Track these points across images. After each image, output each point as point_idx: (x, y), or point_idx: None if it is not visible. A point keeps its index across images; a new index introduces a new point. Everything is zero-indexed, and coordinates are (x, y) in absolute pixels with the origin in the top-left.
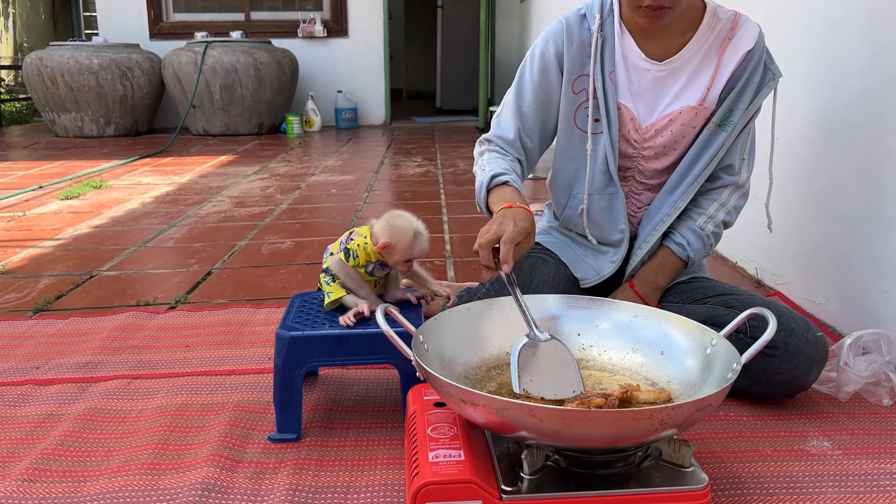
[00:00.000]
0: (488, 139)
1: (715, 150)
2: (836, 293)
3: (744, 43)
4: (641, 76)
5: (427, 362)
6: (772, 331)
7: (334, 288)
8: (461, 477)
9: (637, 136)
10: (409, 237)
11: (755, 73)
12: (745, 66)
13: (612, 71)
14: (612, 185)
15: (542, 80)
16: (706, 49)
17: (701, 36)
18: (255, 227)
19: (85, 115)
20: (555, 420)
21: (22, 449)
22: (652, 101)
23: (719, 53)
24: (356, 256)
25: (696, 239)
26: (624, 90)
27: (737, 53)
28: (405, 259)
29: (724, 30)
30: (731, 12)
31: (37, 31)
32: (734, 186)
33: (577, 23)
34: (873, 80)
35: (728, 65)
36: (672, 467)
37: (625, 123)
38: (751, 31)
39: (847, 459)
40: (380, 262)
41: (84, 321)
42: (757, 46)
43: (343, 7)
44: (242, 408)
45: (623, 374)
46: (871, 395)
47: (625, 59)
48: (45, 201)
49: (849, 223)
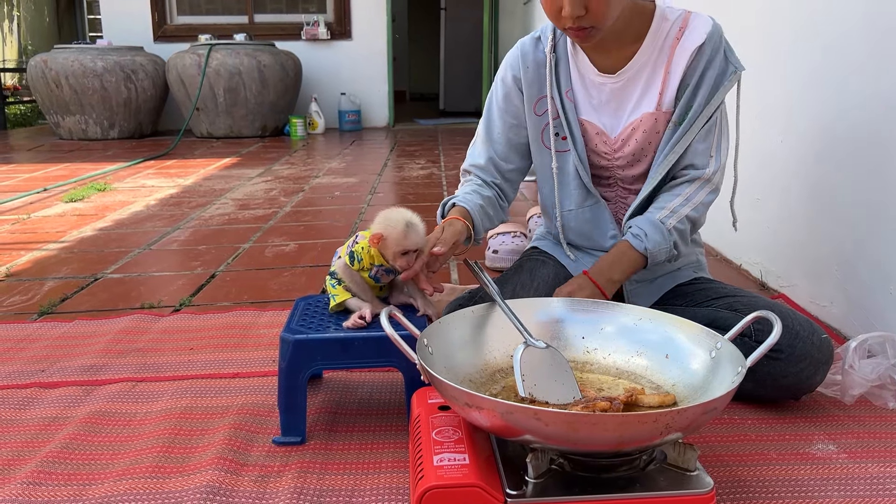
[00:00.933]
0: (466, 170)
1: (672, 145)
2: (841, 296)
3: (692, 40)
4: (600, 90)
5: (431, 365)
6: (777, 334)
7: (339, 291)
8: (466, 480)
9: (606, 147)
10: (401, 227)
11: (710, 67)
12: (697, 62)
13: (569, 89)
14: (591, 198)
15: (506, 105)
16: (657, 53)
17: (650, 41)
18: (259, 230)
19: (89, 118)
20: (560, 424)
21: (27, 452)
22: (615, 112)
23: (669, 55)
24: (360, 259)
25: (655, 231)
26: (585, 106)
27: (685, 52)
28: (401, 251)
29: (673, 31)
30: (680, 12)
31: (41, 33)
32: (700, 181)
33: (532, 46)
34: (878, 82)
35: (678, 64)
36: (677, 471)
37: (591, 138)
38: (700, 27)
39: (852, 463)
40: (384, 267)
41: (89, 324)
42: (709, 41)
43: (346, 9)
44: (247, 411)
45: (627, 377)
46: (876, 398)
47: (581, 76)
48: (49, 204)
49: (854, 225)
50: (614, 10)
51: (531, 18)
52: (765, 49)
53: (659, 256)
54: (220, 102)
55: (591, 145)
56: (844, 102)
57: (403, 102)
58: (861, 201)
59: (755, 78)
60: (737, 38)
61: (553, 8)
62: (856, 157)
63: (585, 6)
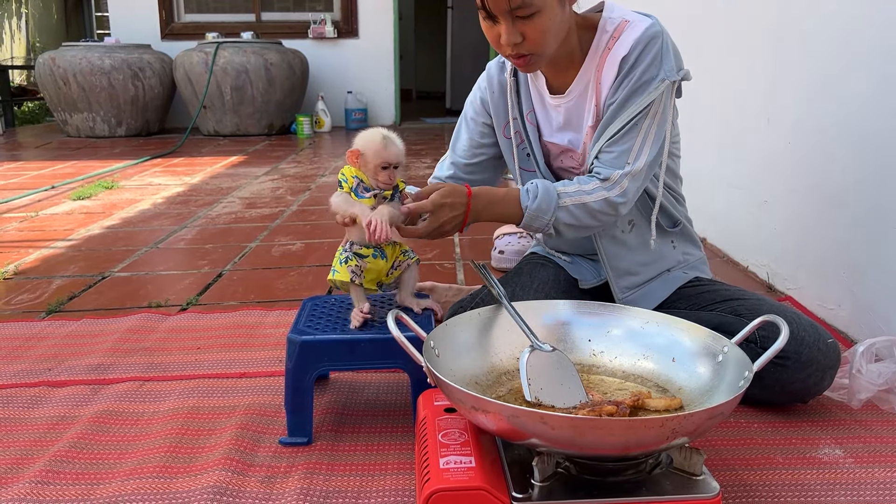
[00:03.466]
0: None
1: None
2: (848, 299)
3: (619, 51)
4: (557, 112)
5: (438, 368)
6: (783, 340)
7: (342, 270)
8: (472, 483)
9: (574, 162)
10: (378, 140)
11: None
12: (622, 71)
13: (530, 111)
14: None
15: (473, 125)
16: (594, 67)
17: (590, 56)
18: (266, 229)
19: (97, 116)
20: (566, 428)
21: (35, 451)
22: (576, 127)
23: (600, 68)
24: (345, 181)
25: (546, 196)
26: (546, 128)
27: (614, 63)
28: (381, 164)
29: (606, 42)
30: (617, 20)
31: (49, 31)
32: (599, 180)
33: (497, 70)
34: (886, 85)
35: (608, 76)
36: (683, 475)
37: (556, 157)
38: (630, 36)
39: (859, 468)
40: (362, 183)
41: (96, 322)
42: (633, 50)
43: (353, 8)
44: (254, 411)
45: (634, 380)
46: (883, 402)
47: (540, 97)
48: (57, 202)
49: (861, 228)
50: (552, 37)
51: None
52: (775, 52)
53: (533, 223)
54: (227, 100)
55: (556, 164)
56: (852, 105)
57: (410, 101)
58: (869, 204)
59: (764, 81)
60: (746, 43)
61: (492, 37)
62: (863, 160)
63: (522, 34)
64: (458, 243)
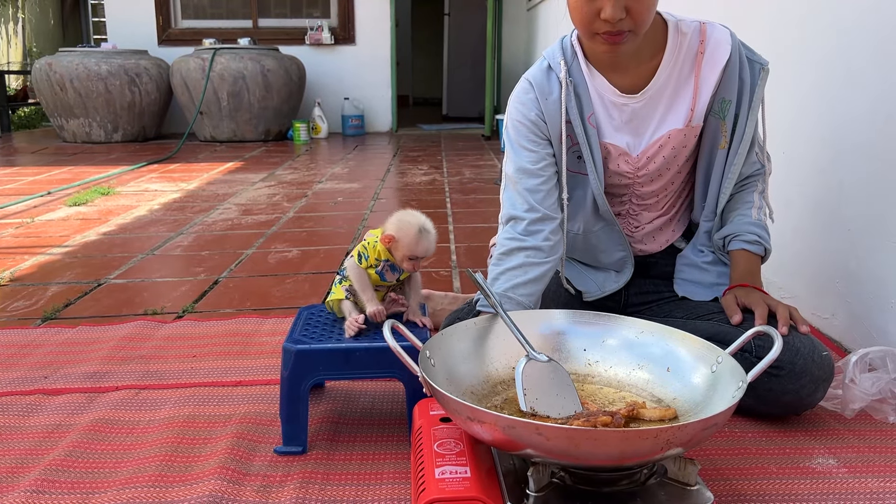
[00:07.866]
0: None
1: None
2: (842, 308)
3: (719, 55)
4: (621, 111)
5: (433, 377)
6: (778, 349)
7: (337, 289)
8: (467, 494)
9: (629, 167)
10: (414, 232)
11: (742, 77)
12: (729, 76)
13: (591, 114)
14: (601, 221)
15: (534, 145)
16: (679, 69)
17: (670, 57)
18: (262, 236)
19: (93, 121)
20: (561, 439)
21: (31, 460)
22: (637, 130)
23: (695, 71)
24: (366, 257)
25: (762, 230)
26: (607, 128)
27: (715, 68)
28: (410, 255)
29: (693, 44)
30: (694, 24)
31: (46, 36)
32: (763, 175)
33: (545, 77)
34: (881, 96)
35: (708, 79)
36: (677, 485)
37: (613, 160)
38: (723, 40)
39: (852, 478)
40: (389, 263)
41: (92, 330)
42: (733, 52)
43: (350, 14)
44: (249, 420)
45: (629, 390)
46: (876, 412)
47: (601, 97)
48: (53, 208)
49: (856, 239)
50: (650, 16)
51: (535, 25)
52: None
53: (769, 252)
54: (224, 106)
55: (612, 167)
56: (847, 115)
57: (406, 107)
58: (863, 214)
59: None
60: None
61: (589, 11)
62: (858, 171)
63: (626, 8)
64: (455, 251)
